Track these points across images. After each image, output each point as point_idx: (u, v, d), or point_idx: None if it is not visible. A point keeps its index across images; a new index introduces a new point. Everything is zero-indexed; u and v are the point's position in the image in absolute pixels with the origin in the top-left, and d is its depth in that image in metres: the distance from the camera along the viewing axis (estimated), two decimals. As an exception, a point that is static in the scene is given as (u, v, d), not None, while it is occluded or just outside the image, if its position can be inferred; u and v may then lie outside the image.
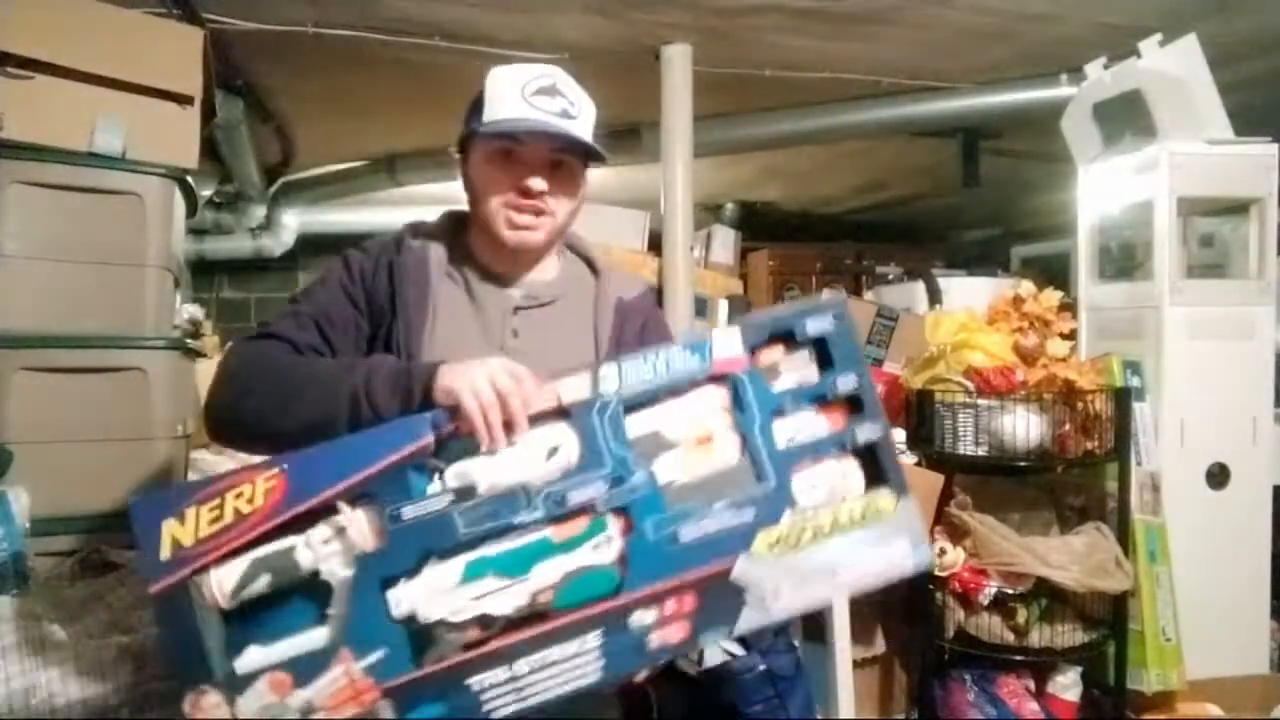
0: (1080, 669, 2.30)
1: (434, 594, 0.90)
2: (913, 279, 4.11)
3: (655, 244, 2.98)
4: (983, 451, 2.20)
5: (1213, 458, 2.38)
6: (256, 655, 0.89)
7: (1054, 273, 3.85)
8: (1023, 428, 2.15)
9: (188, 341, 1.94)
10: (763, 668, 1.95)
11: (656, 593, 0.92)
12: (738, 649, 1.98)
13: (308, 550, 0.90)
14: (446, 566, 0.91)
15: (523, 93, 1.11)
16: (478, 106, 1.14)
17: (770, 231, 5.45)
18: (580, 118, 1.13)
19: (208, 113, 1.96)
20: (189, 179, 1.89)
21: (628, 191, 4.14)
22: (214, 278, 5.41)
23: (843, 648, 2.09)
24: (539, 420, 0.94)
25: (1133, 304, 2.50)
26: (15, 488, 1.55)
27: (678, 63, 2.90)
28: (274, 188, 4.60)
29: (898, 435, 2.33)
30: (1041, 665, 2.27)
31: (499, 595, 0.91)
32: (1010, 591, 2.18)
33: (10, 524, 1.50)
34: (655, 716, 1.94)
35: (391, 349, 1.10)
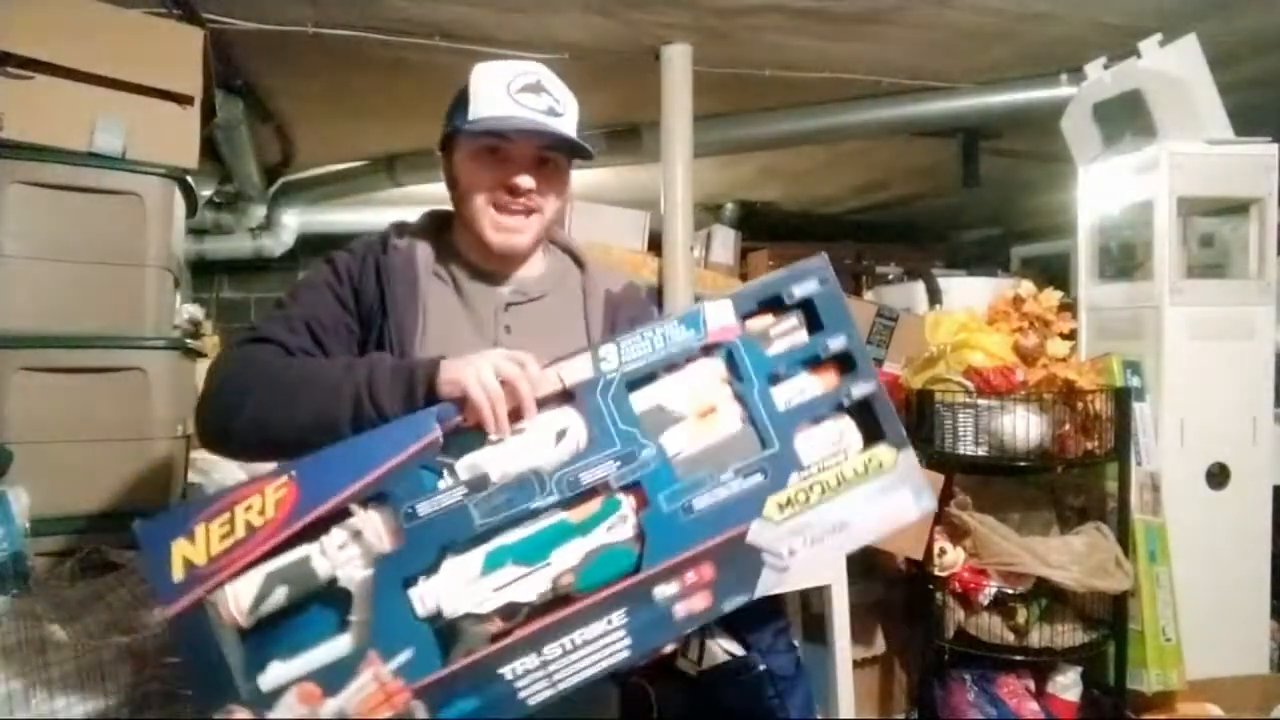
0: (1080, 669, 2.30)
1: (457, 588, 0.90)
2: (913, 279, 4.10)
3: (655, 244, 2.97)
4: (983, 451, 2.20)
5: (1213, 458, 2.39)
6: (279, 671, 0.88)
7: (1054, 273, 3.86)
8: (1023, 428, 2.15)
9: (188, 341, 1.94)
10: (763, 668, 1.95)
11: (676, 565, 0.92)
12: (738, 649, 1.98)
13: (323, 558, 0.89)
14: (466, 559, 0.90)
15: (508, 90, 1.10)
16: (461, 104, 1.13)
17: (770, 231, 5.44)
18: (566, 115, 1.13)
19: (208, 113, 1.96)
20: (189, 179, 1.89)
21: (628, 191, 4.14)
22: (214, 278, 5.40)
23: (843, 647, 2.09)
24: (544, 405, 0.95)
25: (1133, 304, 2.50)
26: (15, 488, 1.55)
27: (677, 63, 2.90)
28: (274, 188, 4.60)
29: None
30: (1041, 665, 2.28)
31: (521, 583, 0.91)
32: (1010, 591, 2.19)
33: (10, 524, 1.50)
34: (655, 716, 1.94)
35: (384, 350, 1.09)
